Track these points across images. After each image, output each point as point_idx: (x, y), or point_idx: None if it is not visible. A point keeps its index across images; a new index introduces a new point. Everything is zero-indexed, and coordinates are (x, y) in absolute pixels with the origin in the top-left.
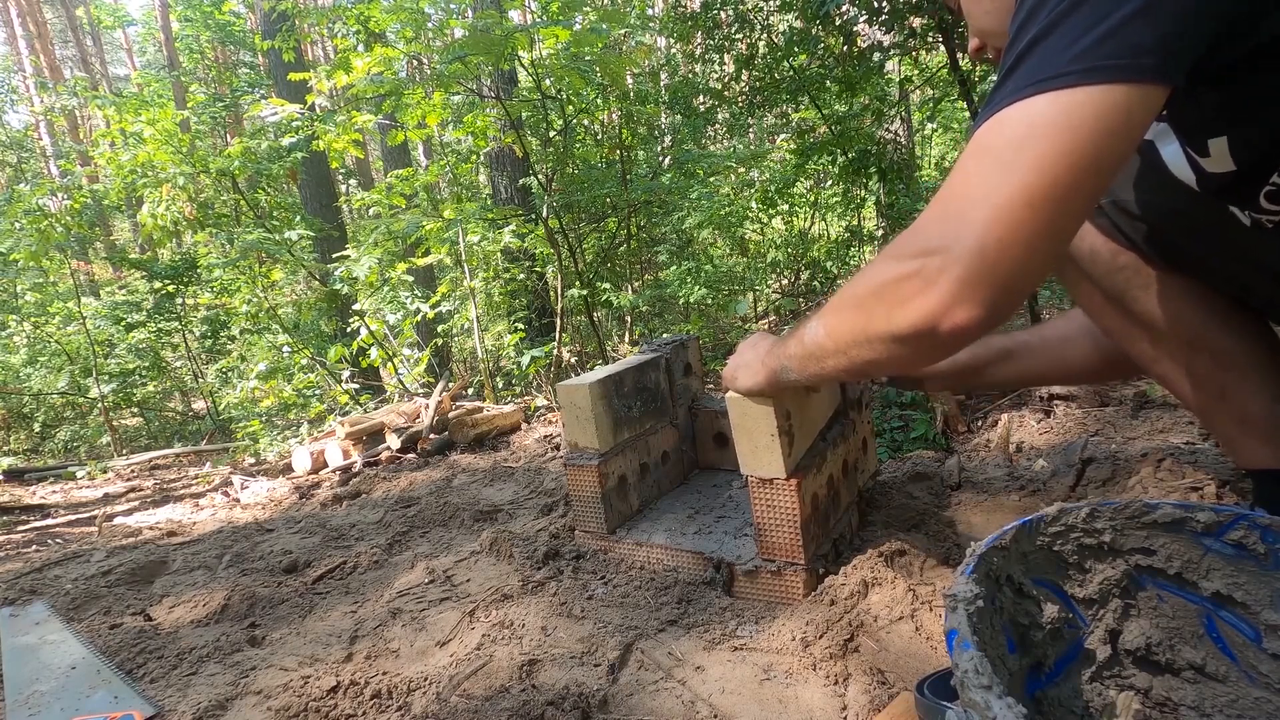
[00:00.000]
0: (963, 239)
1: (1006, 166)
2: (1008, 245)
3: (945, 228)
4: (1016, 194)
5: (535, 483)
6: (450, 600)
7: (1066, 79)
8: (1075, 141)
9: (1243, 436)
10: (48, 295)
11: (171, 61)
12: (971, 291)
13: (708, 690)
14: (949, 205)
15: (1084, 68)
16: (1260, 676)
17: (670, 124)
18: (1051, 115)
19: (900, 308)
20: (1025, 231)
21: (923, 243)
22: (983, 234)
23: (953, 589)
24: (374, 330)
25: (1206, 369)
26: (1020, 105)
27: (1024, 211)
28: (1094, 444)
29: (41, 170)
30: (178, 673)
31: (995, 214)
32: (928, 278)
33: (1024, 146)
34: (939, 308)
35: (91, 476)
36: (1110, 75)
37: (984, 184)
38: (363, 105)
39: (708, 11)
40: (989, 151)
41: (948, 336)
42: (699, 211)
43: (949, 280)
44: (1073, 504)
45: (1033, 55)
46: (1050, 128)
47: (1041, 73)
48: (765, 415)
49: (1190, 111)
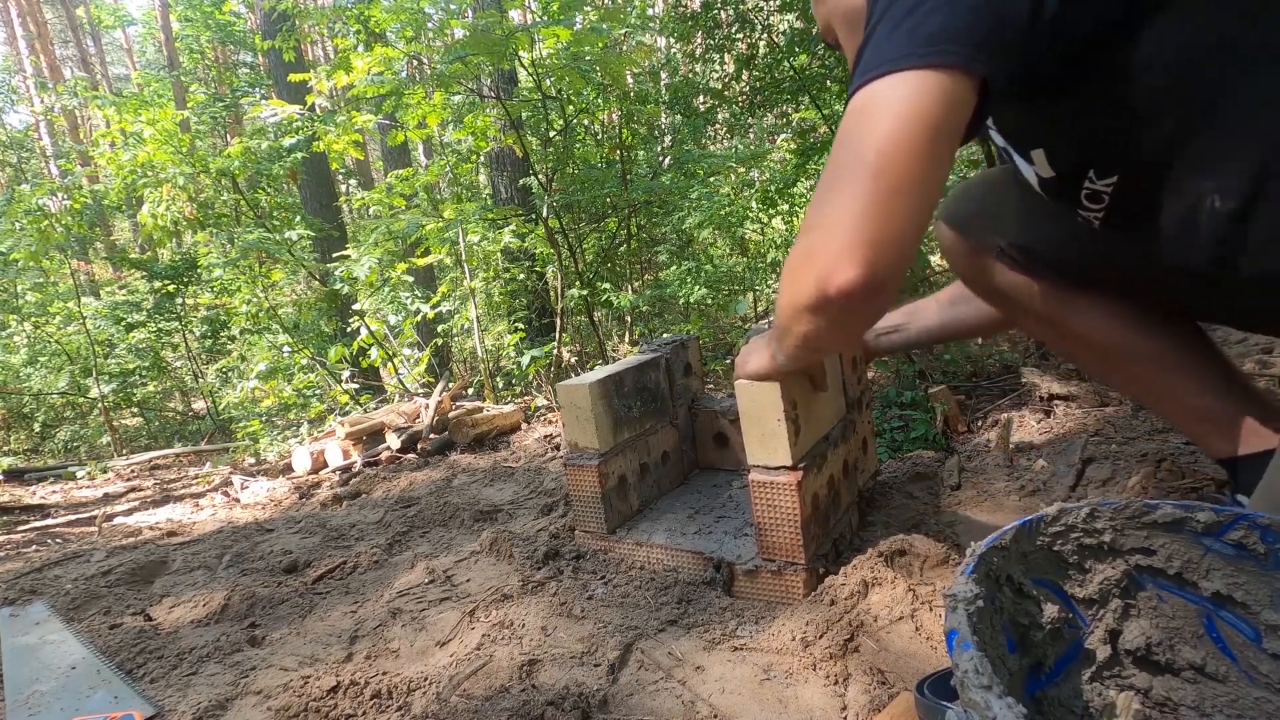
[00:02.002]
0: (832, 213)
1: (852, 147)
2: (865, 212)
3: (820, 206)
4: (862, 170)
5: (535, 483)
6: (450, 600)
7: (885, 68)
8: (900, 121)
9: (1202, 431)
10: (48, 295)
11: (171, 61)
12: (847, 254)
13: (708, 690)
14: (823, 187)
15: (899, 54)
16: (1260, 676)
17: (670, 124)
18: (881, 100)
19: (802, 280)
20: (877, 198)
21: (810, 222)
22: (844, 206)
23: (953, 589)
24: (374, 330)
25: (1147, 374)
26: (860, 94)
27: (871, 182)
28: (1094, 444)
29: (42, 170)
30: (178, 673)
31: (851, 188)
32: (812, 251)
33: (862, 129)
34: (824, 273)
35: (91, 476)
36: (922, 62)
37: (839, 164)
38: (363, 105)
39: (708, 11)
40: (841, 135)
41: (838, 297)
42: (699, 211)
43: (827, 249)
44: (1073, 504)
45: (868, 49)
46: (881, 110)
47: (872, 63)
48: (773, 400)
49: (1011, 123)
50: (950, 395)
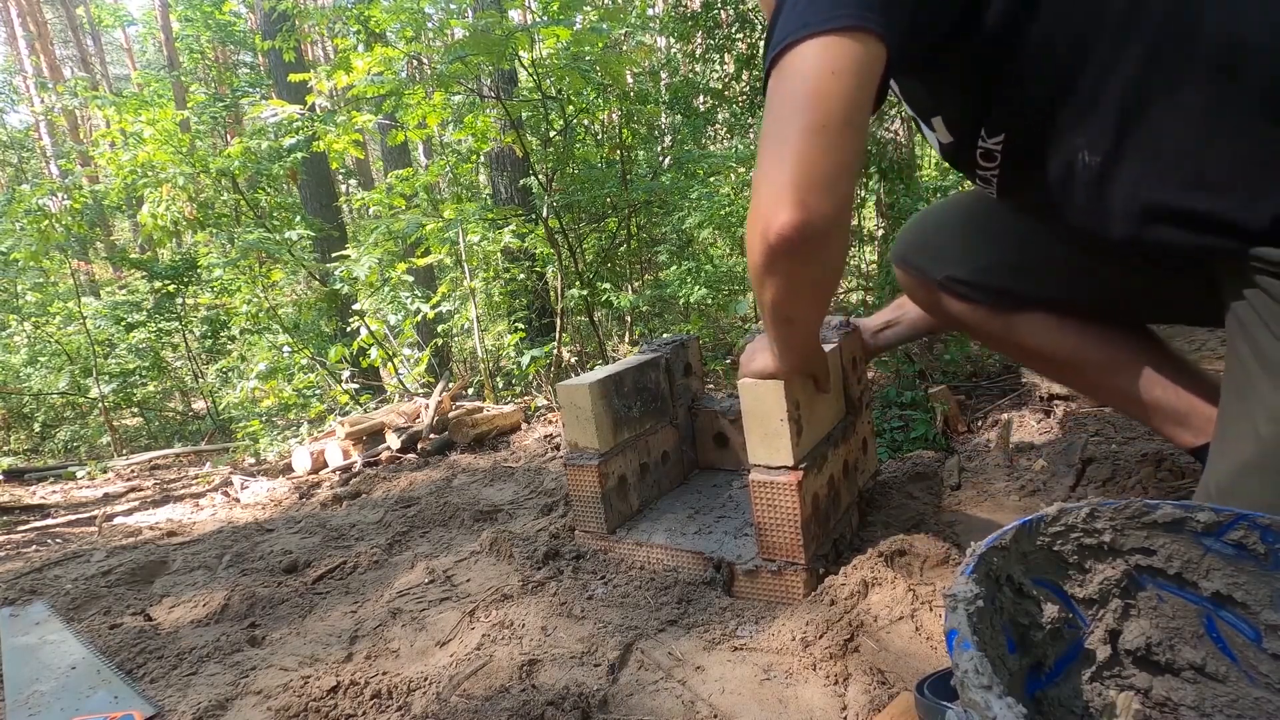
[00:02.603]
0: (764, 171)
1: (775, 110)
2: (792, 159)
3: (756, 173)
4: (785, 125)
5: (535, 483)
6: (450, 600)
7: (804, 31)
8: (816, 75)
9: (1165, 425)
10: (48, 295)
11: (171, 61)
12: (779, 201)
13: (708, 690)
14: (758, 157)
15: (809, 21)
16: (1260, 676)
17: (670, 124)
18: (798, 60)
19: (751, 242)
20: (801, 144)
21: (751, 193)
22: (775, 161)
23: (953, 589)
24: (374, 330)
25: (1102, 379)
26: (779, 63)
27: (794, 132)
28: (1094, 444)
29: (42, 170)
30: (178, 673)
31: (777, 143)
32: (753, 211)
33: (783, 91)
34: (764, 226)
35: (91, 476)
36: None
37: (767, 129)
38: (363, 105)
39: (708, 11)
40: (767, 105)
41: (779, 243)
42: (699, 211)
43: (762, 203)
44: (1073, 504)
45: (780, 19)
46: (800, 69)
47: (785, 30)
48: (777, 400)
49: (914, 92)
50: (950, 395)
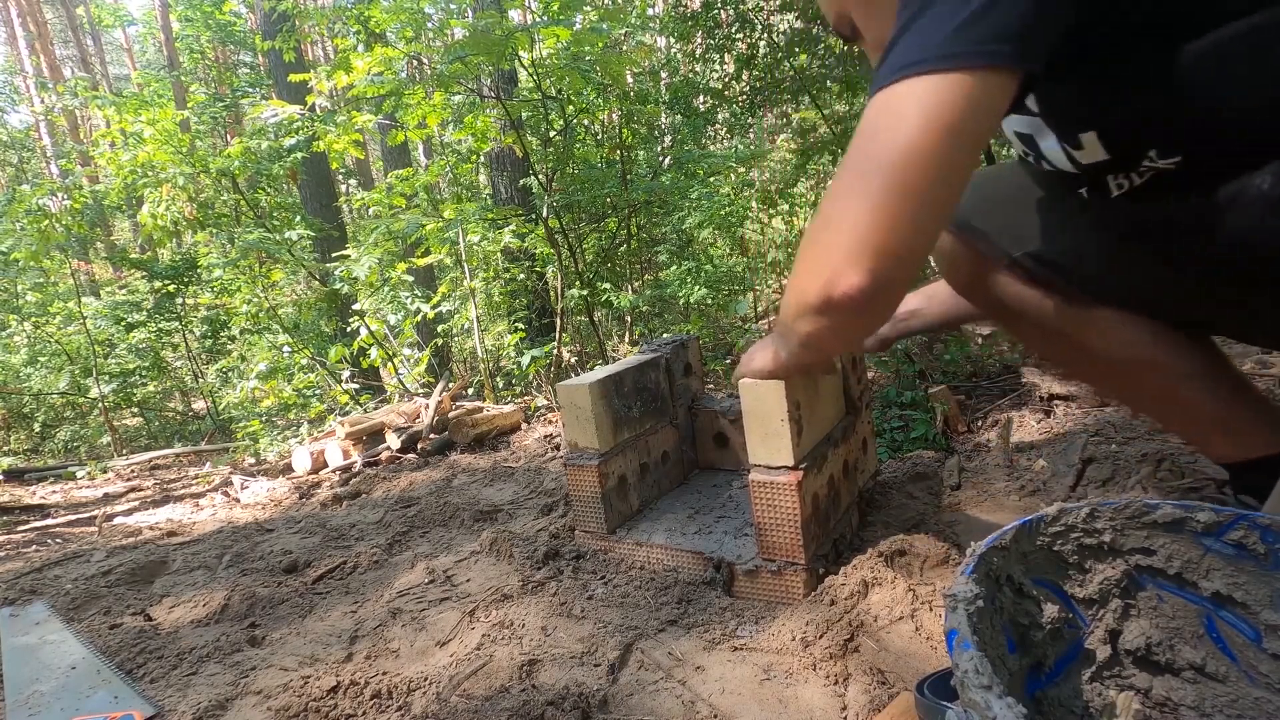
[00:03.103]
0: (845, 216)
1: (875, 148)
2: (880, 220)
3: (834, 206)
4: (881, 174)
5: (535, 483)
6: (450, 600)
7: (924, 65)
8: (931, 126)
9: (1205, 437)
10: (48, 295)
11: (171, 61)
12: (854, 260)
13: (708, 690)
14: (839, 182)
15: (941, 54)
16: (1260, 676)
17: (670, 124)
18: (912, 101)
19: (808, 280)
20: (894, 208)
21: (823, 217)
22: (859, 211)
23: (953, 589)
24: (374, 330)
25: (1156, 384)
26: (887, 91)
27: (889, 189)
28: (1094, 444)
29: (42, 170)
30: (178, 673)
31: (868, 194)
32: (821, 250)
33: (889, 130)
34: (830, 277)
35: (91, 476)
36: (965, 62)
37: (858, 162)
38: (363, 105)
39: (708, 11)
40: (863, 134)
41: (842, 301)
42: (699, 211)
43: (834, 251)
44: (1073, 504)
45: (903, 39)
46: (910, 113)
47: (907, 58)
48: (778, 400)
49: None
50: (950, 395)
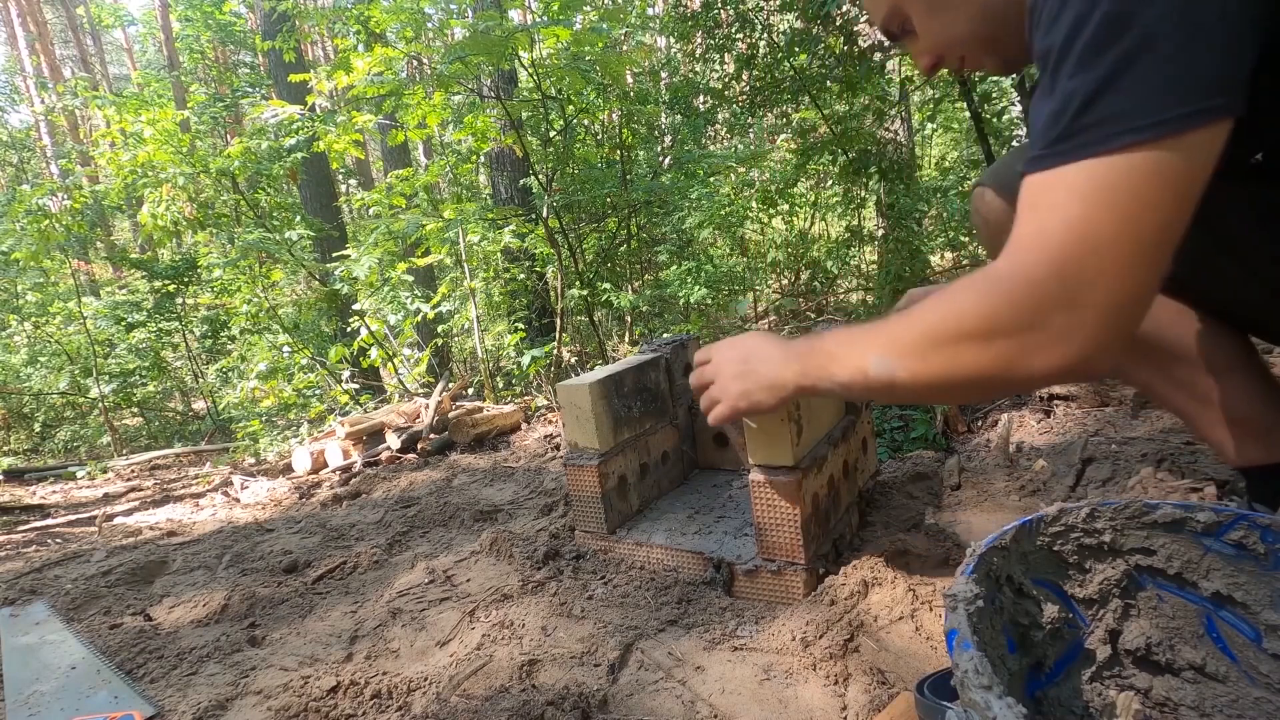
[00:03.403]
0: (1093, 297)
1: (1114, 222)
2: (1131, 299)
3: (1070, 286)
4: (1132, 250)
5: (535, 483)
6: (450, 600)
7: (1150, 130)
8: (1175, 189)
9: (1231, 437)
10: (48, 295)
11: (172, 61)
12: (1107, 341)
13: (708, 690)
14: (1065, 262)
15: (1175, 115)
16: (1260, 676)
17: (670, 124)
18: (1154, 165)
19: (1034, 360)
20: (1143, 279)
21: (1042, 298)
22: (1111, 293)
23: (953, 589)
24: (374, 330)
25: (1191, 375)
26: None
27: (1141, 262)
28: (1094, 444)
29: (42, 170)
30: (178, 673)
31: (1117, 272)
32: (1063, 333)
33: (1126, 199)
34: (1077, 357)
35: (91, 476)
36: (1201, 119)
37: (1097, 239)
38: (363, 105)
39: (708, 11)
40: (1094, 202)
41: (1040, 374)
42: (699, 211)
43: (1087, 333)
44: (1073, 504)
45: (1118, 92)
46: (1153, 178)
47: (1137, 117)
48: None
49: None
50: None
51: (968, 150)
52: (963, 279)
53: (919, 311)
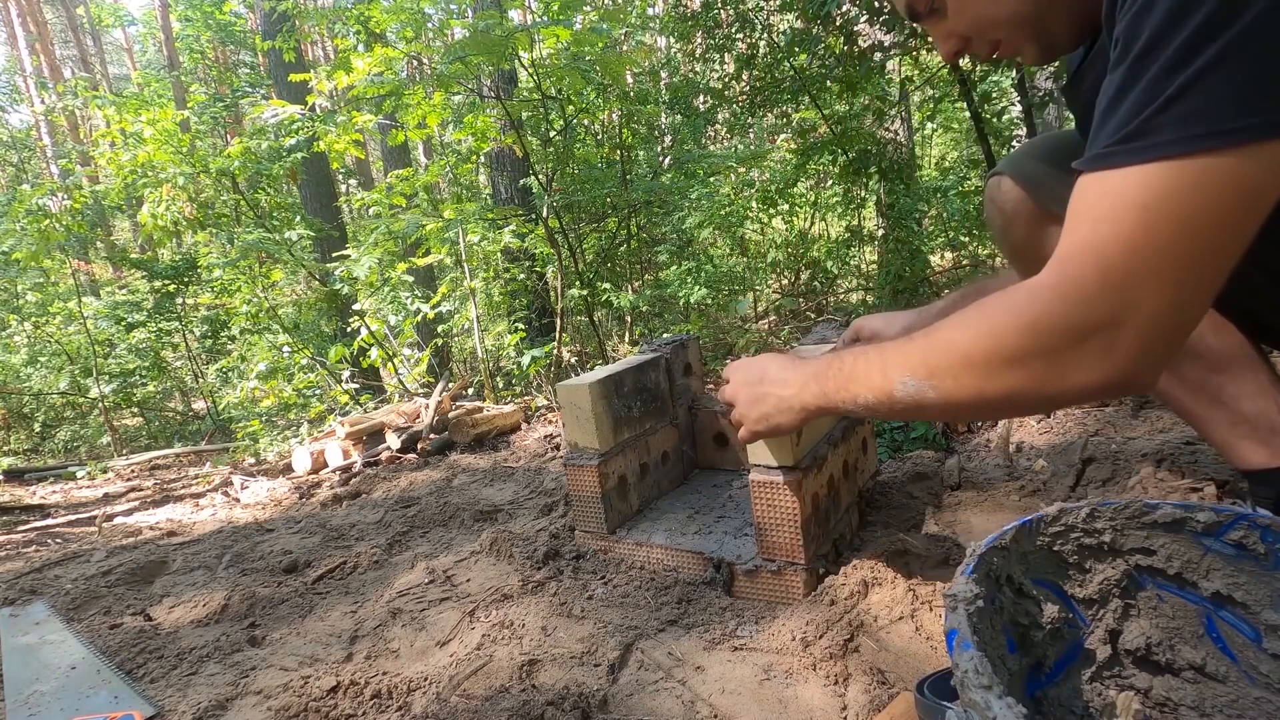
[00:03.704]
0: (1141, 312)
1: (1175, 234)
2: (1180, 319)
3: (1117, 301)
4: (1190, 266)
5: (535, 483)
6: (450, 600)
7: (1234, 136)
8: (1247, 203)
9: (1238, 439)
10: (48, 295)
11: (172, 61)
12: (1149, 360)
13: (708, 690)
14: (1116, 275)
15: (1260, 123)
16: (1260, 676)
17: (670, 124)
18: (1229, 174)
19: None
20: (1195, 299)
21: (1091, 314)
22: (1159, 311)
23: (953, 589)
24: (374, 330)
25: (1199, 374)
26: (1194, 162)
27: (1193, 281)
28: (1094, 444)
29: (42, 171)
30: (178, 673)
31: (1169, 289)
32: (1104, 350)
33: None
34: (1117, 375)
35: (91, 476)
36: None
37: (1154, 252)
38: (363, 105)
39: (708, 11)
40: (1153, 213)
41: (1074, 392)
42: (699, 211)
43: (1129, 351)
44: (1073, 504)
45: (1198, 94)
46: (1227, 188)
47: (1204, 124)
48: None
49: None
50: None
51: (968, 150)
52: (998, 295)
53: (949, 330)
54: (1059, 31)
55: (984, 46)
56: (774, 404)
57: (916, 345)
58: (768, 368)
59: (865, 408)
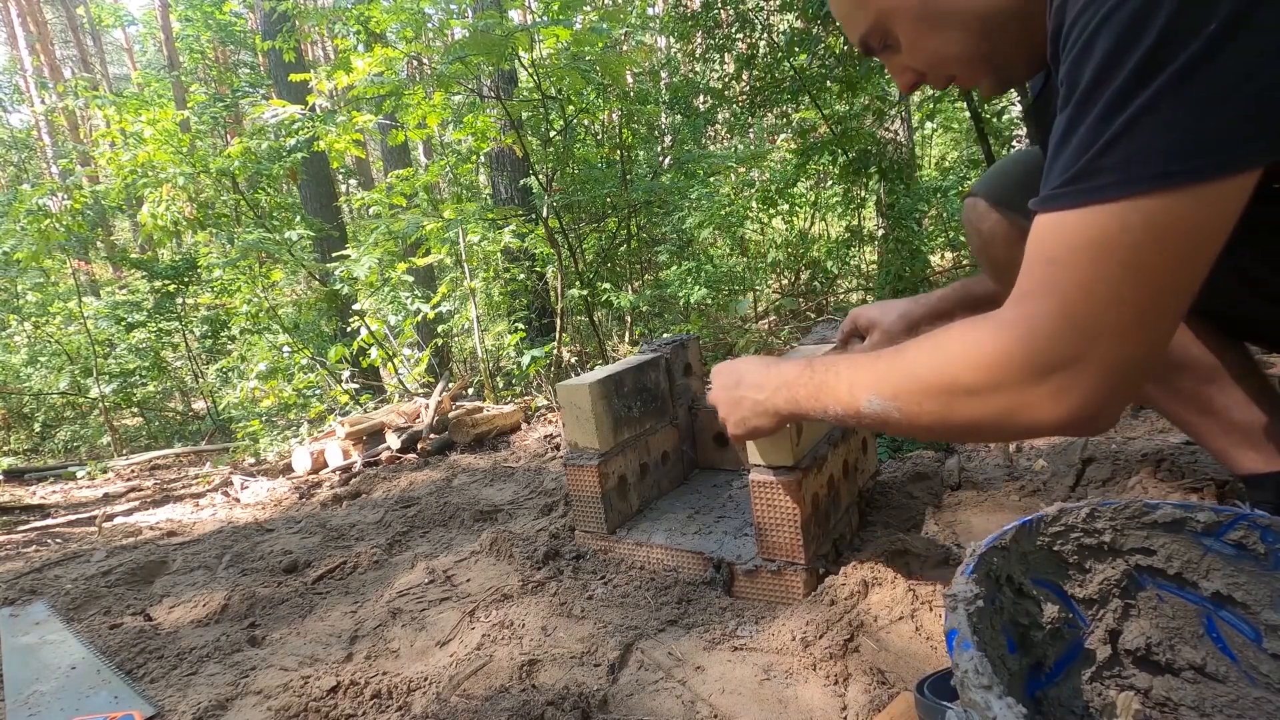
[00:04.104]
0: (1097, 352)
1: (1123, 275)
2: (1140, 355)
3: (1075, 340)
4: (1146, 304)
5: (535, 483)
6: (450, 600)
7: (1173, 178)
8: (1194, 241)
9: (1233, 446)
10: (48, 295)
11: (172, 61)
12: (1109, 397)
13: (708, 690)
14: (1073, 314)
15: (1199, 164)
16: (1260, 676)
17: (670, 124)
18: (1164, 218)
19: (1032, 415)
20: (1153, 338)
21: (1049, 352)
22: (1118, 349)
23: (953, 589)
24: (374, 330)
25: (1191, 386)
26: (1137, 203)
27: (1149, 321)
28: (1094, 444)
29: (43, 171)
30: (178, 673)
31: (1127, 327)
32: (1063, 388)
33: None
34: (1075, 414)
35: (91, 476)
36: (1230, 167)
37: (1109, 293)
38: (363, 105)
39: (708, 11)
40: (1101, 254)
41: (1080, 431)
42: (699, 211)
43: (1086, 393)
44: (1073, 504)
45: (1138, 136)
46: (1172, 229)
47: (1145, 167)
48: None
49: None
50: None
51: (968, 150)
52: (964, 324)
53: (915, 353)
54: (1014, 65)
55: (939, 80)
56: (749, 408)
57: (884, 365)
58: (745, 372)
59: (835, 418)
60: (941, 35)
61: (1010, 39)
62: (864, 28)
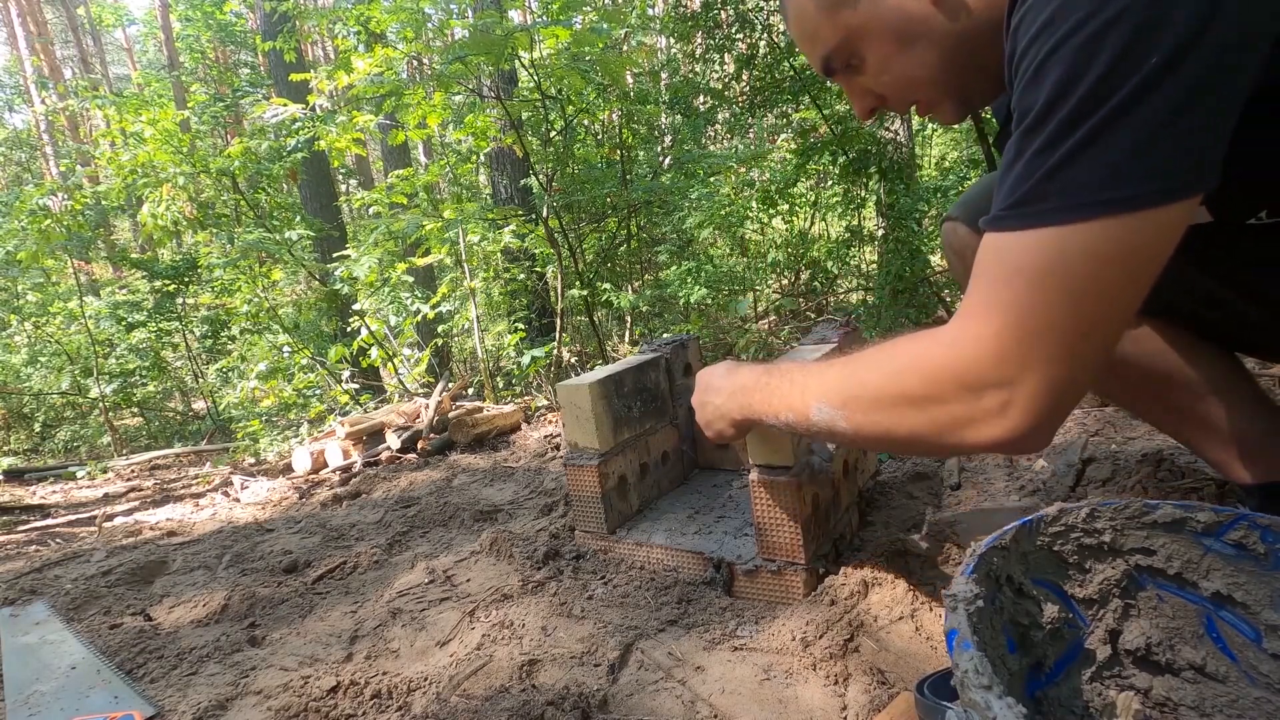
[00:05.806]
0: (1033, 373)
1: (1061, 298)
2: (1072, 378)
3: (1011, 362)
4: (1082, 328)
5: (535, 483)
6: (450, 600)
7: (1114, 205)
8: (1131, 268)
9: (1229, 458)
10: (49, 295)
11: (172, 61)
12: (1042, 418)
13: (708, 690)
14: (1011, 336)
15: (1138, 192)
16: (1260, 676)
17: (670, 124)
18: (1103, 244)
19: (968, 431)
20: (1087, 361)
21: (987, 372)
22: (1052, 371)
23: (953, 589)
24: (374, 330)
25: (1188, 401)
26: (1077, 229)
27: (1084, 345)
28: (1094, 444)
29: (44, 171)
30: (178, 673)
31: (1061, 351)
32: (999, 406)
33: (1078, 278)
34: (1010, 434)
35: (91, 476)
36: (1171, 195)
37: (1046, 316)
38: (363, 105)
39: (708, 11)
40: (1040, 277)
41: (976, 444)
42: (699, 211)
43: (1020, 413)
44: (1073, 504)
45: (1080, 163)
46: (1110, 255)
47: (1086, 194)
48: None
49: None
50: None
51: (968, 150)
52: (910, 336)
53: (864, 363)
54: (979, 89)
55: (901, 104)
56: (712, 411)
57: (835, 374)
58: (714, 376)
59: (788, 425)
60: (913, 55)
61: (979, 60)
62: (830, 46)
